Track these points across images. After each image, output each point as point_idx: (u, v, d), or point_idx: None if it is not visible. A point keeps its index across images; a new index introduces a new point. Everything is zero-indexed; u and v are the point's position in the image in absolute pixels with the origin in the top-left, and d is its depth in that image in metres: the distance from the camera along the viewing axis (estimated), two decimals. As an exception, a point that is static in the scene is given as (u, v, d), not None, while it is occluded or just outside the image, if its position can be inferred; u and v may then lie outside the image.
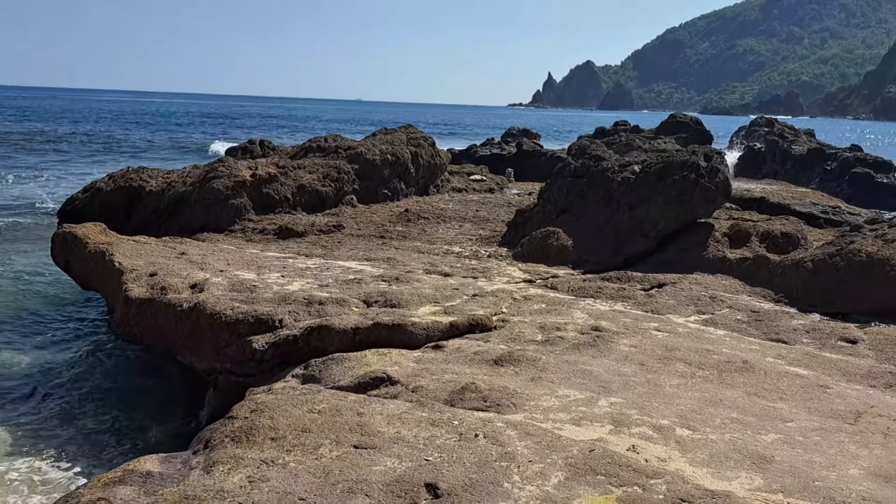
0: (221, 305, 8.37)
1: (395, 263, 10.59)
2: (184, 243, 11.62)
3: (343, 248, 11.64)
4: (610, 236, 10.54)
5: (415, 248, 11.70)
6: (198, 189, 13.18)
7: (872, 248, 8.69)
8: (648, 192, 10.46)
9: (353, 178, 14.70)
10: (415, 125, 17.59)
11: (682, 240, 10.32)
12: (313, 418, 5.11)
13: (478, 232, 12.85)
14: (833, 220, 17.27)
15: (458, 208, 14.81)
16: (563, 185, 11.35)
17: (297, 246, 11.93)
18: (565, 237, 10.55)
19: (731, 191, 10.72)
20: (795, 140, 42.41)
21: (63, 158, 37.38)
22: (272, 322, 8.07)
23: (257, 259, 10.71)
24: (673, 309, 8.50)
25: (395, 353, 7.11)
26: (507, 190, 18.24)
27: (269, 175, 13.62)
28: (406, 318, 7.68)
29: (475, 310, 8.14)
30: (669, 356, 6.79)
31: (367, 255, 11.09)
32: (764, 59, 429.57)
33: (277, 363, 7.80)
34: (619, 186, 10.79)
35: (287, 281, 9.43)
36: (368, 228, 12.85)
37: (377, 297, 8.58)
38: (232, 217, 12.97)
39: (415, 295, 8.57)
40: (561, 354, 6.81)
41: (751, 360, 6.81)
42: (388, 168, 15.20)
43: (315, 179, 14.16)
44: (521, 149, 31.22)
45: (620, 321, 7.90)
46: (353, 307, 8.38)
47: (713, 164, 10.33)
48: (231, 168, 13.45)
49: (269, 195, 13.50)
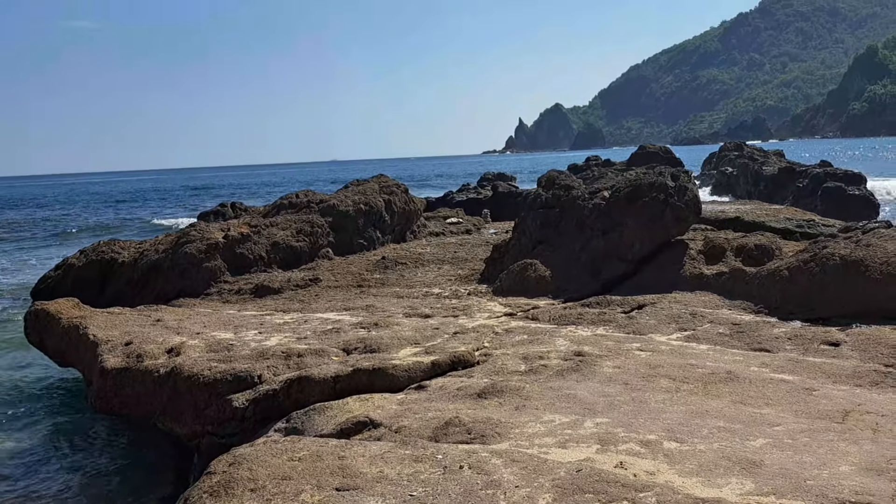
0: (199, 367, 8.24)
1: (375, 310, 10.50)
2: (159, 310, 11.49)
3: (321, 301, 11.54)
4: (586, 263, 10.51)
5: (394, 293, 11.63)
6: (171, 255, 13.09)
7: (845, 251, 8.70)
8: (620, 215, 10.48)
9: (327, 231, 14.66)
10: (401, 179, 17.63)
11: (657, 260, 10.31)
12: (293, 465, 4.98)
13: (457, 272, 12.80)
14: (808, 233, 17.34)
15: (436, 251, 14.77)
16: (535, 217, 11.35)
17: (274, 303, 11.82)
18: (542, 268, 10.52)
19: (702, 208, 10.76)
20: (766, 161, 42.97)
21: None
22: (251, 378, 7.94)
23: (234, 319, 10.59)
24: (654, 328, 8.44)
25: (378, 397, 7.00)
26: (485, 230, 18.25)
27: (242, 235, 13.56)
28: (386, 362, 7.57)
29: (457, 347, 8.04)
30: (653, 373, 6.71)
31: (345, 305, 10.99)
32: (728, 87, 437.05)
33: (259, 419, 7.66)
34: (590, 213, 10.80)
35: (264, 337, 9.32)
36: (346, 279, 12.77)
37: (356, 343, 8.48)
38: (207, 280, 12.86)
39: (395, 338, 8.47)
40: (545, 382, 6.72)
41: (735, 370, 6.75)
42: (363, 218, 15.19)
43: (289, 235, 14.11)
44: (497, 191, 31.41)
45: (603, 345, 7.83)
46: (332, 356, 8.27)
47: (681, 182, 10.38)
48: (203, 231, 13.38)
49: (244, 255, 13.42)
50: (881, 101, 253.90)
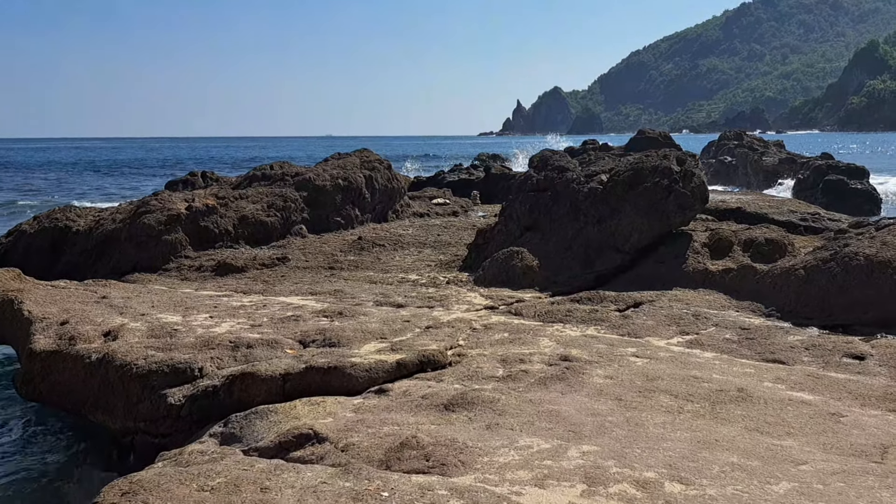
0: (133, 354, 7.24)
1: (343, 296, 9.50)
2: (108, 286, 10.45)
3: (286, 283, 10.53)
4: (579, 253, 9.52)
5: (367, 278, 10.61)
6: (128, 226, 12.04)
7: (871, 251, 7.72)
8: (618, 202, 9.47)
9: (301, 207, 13.61)
10: (386, 157, 16.55)
11: (657, 253, 9.32)
12: (202, 499, 3.99)
13: (438, 257, 11.79)
14: (813, 226, 16.39)
15: (418, 233, 13.75)
16: (525, 200, 10.33)
17: (235, 282, 10.80)
18: (530, 257, 9.51)
19: (709, 196, 9.76)
20: (766, 151, 41.97)
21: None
22: (191, 371, 6.95)
23: (188, 299, 9.57)
24: (652, 330, 7.46)
25: (331, 401, 6.02)
26: (473, 213, 17.23)
27: (208, 207, 12.51)
28: (345, 359, 6.58)
29: (427, 344, 7.05)
30: (651, 387, 5.73)
31: (311, 289, 9.98)
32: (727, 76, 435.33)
33: (196, 419, 6.67)
34: (586, 198, 9.78)
35: (215, 322, 8.31)
36: (317, 259, 11.75)
37: (315, 335, 7.48)
38: (166, 254, 11.82)
39: (359, 331, 7.48)
40: (524, 392, 5.74)
41: (747, 386, 5.78)
42: (341, 194, 14.14)
43: (259, 210, 13.06)
44: (489, 172, 30.38)
45: (593, 348, 6.84)
46: (286, 349, 7.27)
47: (687, 167, 9.37)
48: (164, 201, 12.32)
49: (208, 229, 12.38)
50: (880, 97, 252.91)
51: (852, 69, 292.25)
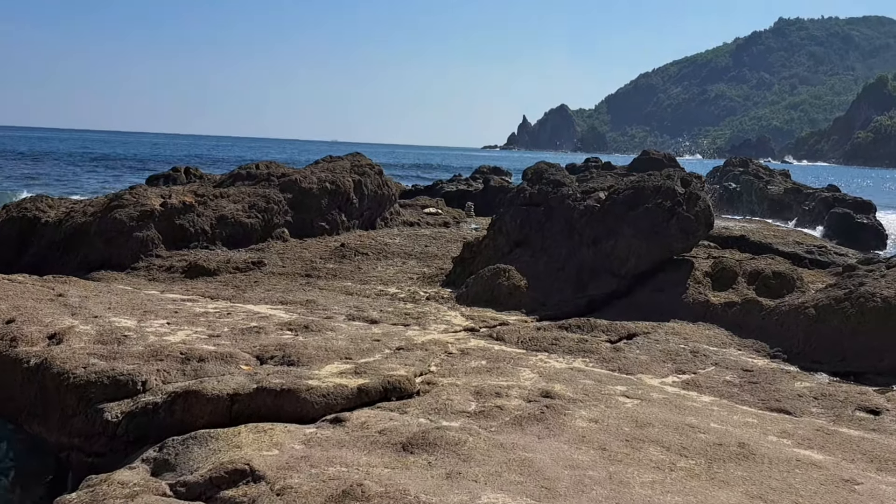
0: (73, 362, 6.56)
1: (315, 307, 8.82)
2: (67, 283, 9.77)
3: (258, 289, 9.85)
4: (571, 275, 8.85)
5: (343, 288, 9.94)
6: (98, 220, 11.37)
7: (889, 292, 7.05)
8: (616, 222, 8.81)
9: (285, 209, 12.95)
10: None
11: (656, 279, 8.66)
12: (89, 554, 3.31)
13: (422, 270, 11.12)
14: (819, 260, 15.79)
15: (405, 243, 13.09)
16: (516, 214, 9.67)
17: (204, 286, 10.12)
18: (518, 276, 8.84)
19: (714, 222, 9.09)
20: (771, 180, 41.34)
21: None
22: (132, 384, 6.27)
23: (149, 302, 8.89)
24: (646, 367, 6.78)
25: (280, 429, 5.34)
26: (465, 224, 16.58)
27: (184, 204, 11.84)
28: (301, 382, 5.90)
29: (395, 369, 6.37)
30: (641, 436, 5.05)
31: (283, 298, 9.31)
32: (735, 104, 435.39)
33: (133, 439, 5.98)
34: (581, 216, 9.12)
35: (171, 330, 7.63)
36: (294, 265, 11.07)
37: (275, 351, 6.80)
38: (136, 252, 11.15)
39: (322, 349, 6.80)
40: (496, 433, 5.06)
41: (749, 441, 5.09)
42: (327, 198, 13.49)
43: (239, 210, 12.40)
44: (488, 185, 29.75)
45: (579, 384, 6.16)
46: (241, 365, 6.59)
47: (692, 190, 8.71)
48: (139, 196, 11.66)
49: (184, 227, 11.71)
50: (886, 132, 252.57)
51: (860, 103, 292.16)
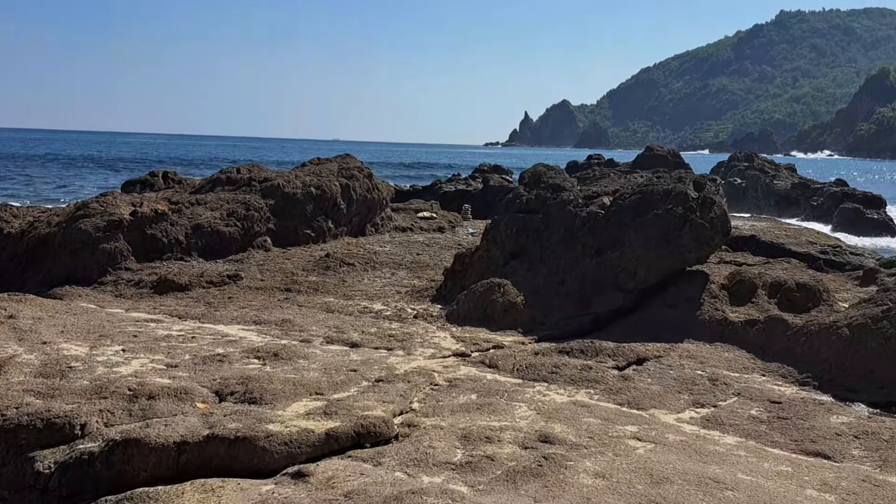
0: (5, 401, 5.73)
1: (290, 328, 8.00)
2: (22, 301, 8.94)
3: (231, 306, 9.03)
4: (573, 289, 8.02)
5: (325, 305, 9.11)
6: (63, 231, 10.56)
7: (934, 309, 6.21)
8: (622, 231, 7.97)
9: (267, 216, 12.13)
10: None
11: (667, 294, 7.82)
12: None
13: (412, 282, 10.29)
14: (834, 261, 14.97)
15: (395, 251, 12.26)
16: (512, 222, 8.83)
17: (174, 303, 9.30)
18: (514, 291, 8.01)
19: (731, 229, 8.24)
20: (777, 175, 40.42)
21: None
22: (69, 428, 5.45)
23: (108, 323, 8.08)
24: (659, 399, 5.95)
25: (231, 488, 4.53)
26: (462, 229, 15.74)
27: (157, 212, 11.02)
28: (260, 427, 5.08)
29: (372, 407, 5.55)
30: (657, 496, 4.22)
31: (257, 316, 8.48)
32: (737, 97, 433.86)
33: (65, 495, 5.17)
34: (584, 224, 8.29)
35: (125, 358, 6.81)
36: (273, 279, 10.24)
37: (237, 385, 5.98)
38: (103, 265, 10.33)
39: (290, 382, 5.97)
40: (484, 493, 4.23)
41: (786, 499, 4.26)
42: (312, 203, 12.66)
43: (217, 218, 11.57)
44: (488, 184, 28.90)
45: (583, 424, 5.33)
46: (196, 403, 5.77)
47: (706, 194, 7.87)
48: (107, 205, 10.84)
49: (155, 238, 10.89)
50: (889, 124, 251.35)
51: (862, 95, 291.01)
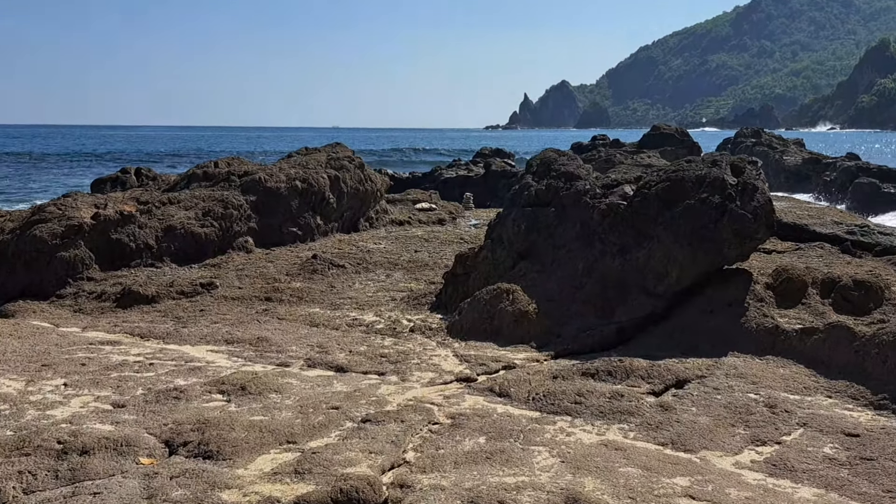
0: None
1: (267, 348, 6.90)
2: (-37, 323, 7.86)
3: (202, 321, 7.92)
4: (593, 294, 6.90)
5: (309, 317, 7.99)
6: (17, 238, 9.45)
7: None
8: (649, 225, 6.85)
9: (247, 214, 11.01)
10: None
11: (703, 297, 6.70)
12: None
13: (408, 285, 9.18)
14: (863, 242, 13.84)
15: (391, 249, 11.15)
16: (520, 217, 7.70)
17: (138, 318, 8.20)
18: (524, 298, 6.89)
19: (775, 220, 7.10)
20: (786, 150, 39.21)
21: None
22: (-23, 499, 4.37)
23: (55, 349, 6.98)
24: (709, 436, 4.84)
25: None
26: (463, 220, 14.62)
27: (123, 215, 9.91)
28: (210, 498, 3.99)
29: (356, 460, 4.45)
30: None
31: (230, 334, 7.37)
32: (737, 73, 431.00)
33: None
34: (603, 218, 7.16)
35: (65, 396, 5.72)
36: (253, 286, 9.13)
37: (191, 432, 4.88)
38: (62, 276, 9.24)
39: (256, 428, 4.87)
40: None
41: None
42: (298, 198, 11.54)
43: (191, 218, 10.46)
44: (490, 170, 27.75)
45: (619, 476, 4.23)
46: (140, 458, 4.68)
47: (747, 179, 6.75)
48: (66, 207, 9.73)
49: (122, 243, 9.78)
50: (891, 95, 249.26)
51: (863, 67, 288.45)
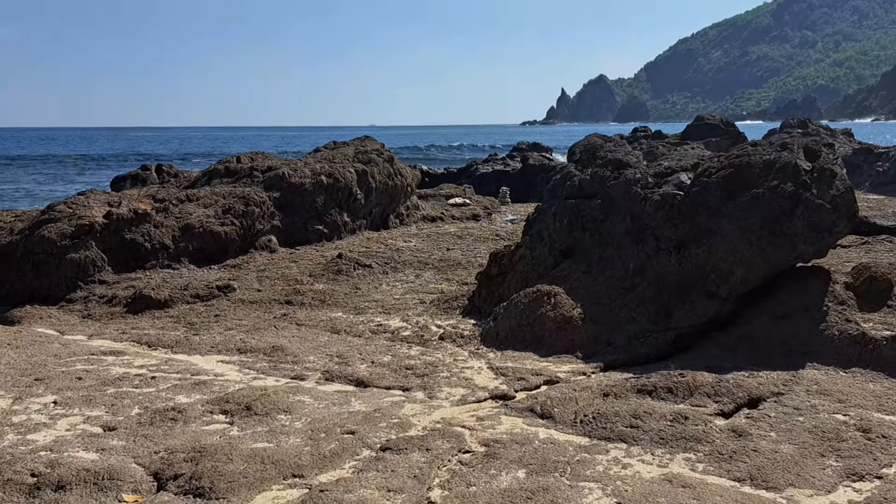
0: None
1: (282, 359, 6.22)
2: (-39, 331, 7.30)
3: (216, 328, 7.28)
4: (646, 297, 6.11)
5: (330, 322, 7.31)
6: (25, 239, 8.91)
7: None
8: (710, 217, 6.04)
9: (271, 212, 10.38)
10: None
11: (774, 299, 5.88)
12: None
13: (439, 286, 8.46)
14: (928, 235, 12.88)
15: (422, 247, 10.43)
16: (562, 211, 6.93)
17: (149, 324, 7.59)
18: (568, 302, 6.13)
19: (857, 210, 6.25)
20: (834, 141, 37.90)
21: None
22: (-67, 543, 3.75)
23: (53, 360, 6.38)
24: (795, 469, 4.05)
25: None
26: (500, 215, 13.87)
27: (137, 213, 9.32)
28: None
29: (370, 499, 3.74)
30: None
31: (244, 342, 6.72)
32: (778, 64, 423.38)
33: None
34: (657, 210, 6.37)
35: (53, 416, 5.09)
36: (273, 288, 8.48)
37: (184, 462, 4.21)
38: (72, 279, 8.67)
39: (258, 458, 4.19)
40: None
41: None
42: (323, 194, 10.88)
43: (210, 216, 9.84)
44: (527, 163, 26.93)
45: (690, 523, 3.47)
46: (123, 495, 4.03)
47: (823, 164, 5.91)
48: (77, 206, 9.17)
49: (136, 243, 9.20)
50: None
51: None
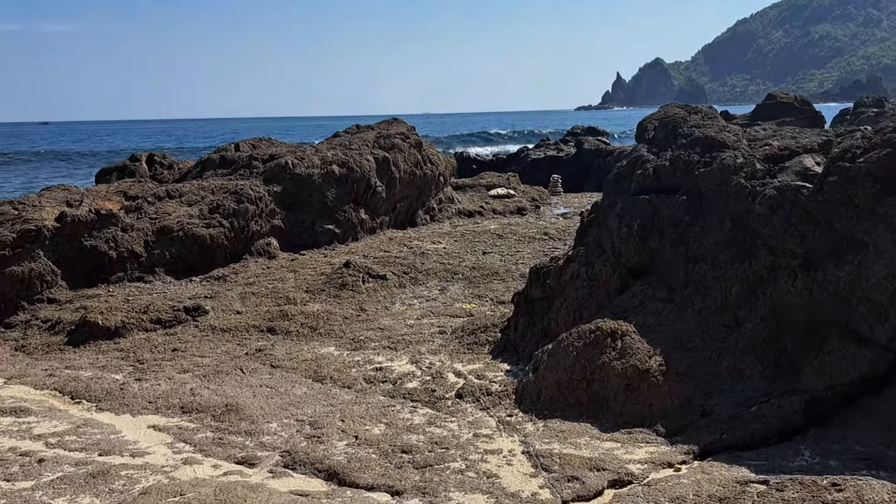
0: None
1: (233, 427, 4.40)
2: None
3: (167, 370, 5.49)
4: (758, 339, 4.13)
5: (315, 362, 5.46)
6: (-39, 248, 7.27)
7: None
8: (858, 222, 4.04)
9: (269, 209, 8.60)
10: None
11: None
12: None
13: (467, 305, 6.57)
14: None
15: (452, 250, 8.54)
16: (630, 210, 4.96)
17: (89, 361, 5.84)
18: (642, 346, 4.20)
19: None
20: (915, 119, 34.91)
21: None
22: None
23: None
24: None
25: None
26: (548, 209, 11.89)
27: (101, 215, 7.62)
28: None
29: None
30: None
31: (192, 395, 4.91)
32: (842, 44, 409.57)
33: None
34: (771, 211, 4.38)
35: None
36: (256, 310, 6.66)
37: None
38: (14, 298, 7.00)
39: None
40: None
41: None
42: (335, 187, 9.07)
43: (194, 216, 8.09)
44: (582, 148, 24.82)
45: None
46: None
47: None
48: (23, 208, 7.49)
49: (98, 251, 7.49)
50: None
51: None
